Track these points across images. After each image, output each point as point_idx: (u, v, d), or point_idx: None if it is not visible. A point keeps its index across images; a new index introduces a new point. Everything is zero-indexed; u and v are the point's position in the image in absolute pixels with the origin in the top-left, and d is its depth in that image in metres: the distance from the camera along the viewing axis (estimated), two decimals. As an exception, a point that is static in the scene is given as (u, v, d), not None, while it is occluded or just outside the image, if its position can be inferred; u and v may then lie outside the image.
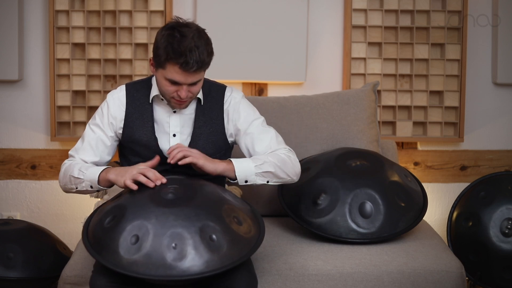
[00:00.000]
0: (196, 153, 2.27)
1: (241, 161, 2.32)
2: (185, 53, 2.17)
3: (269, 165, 2.33)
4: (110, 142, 2.41)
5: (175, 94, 2.28)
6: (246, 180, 2.32)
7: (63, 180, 2.40)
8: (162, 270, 1.99)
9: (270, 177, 2.34)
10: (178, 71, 2.21)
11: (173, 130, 2.40)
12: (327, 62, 3.42)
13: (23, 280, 2.85)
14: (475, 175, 3.48)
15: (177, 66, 2.20)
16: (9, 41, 3.28)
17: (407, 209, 2.61)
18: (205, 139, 2.40)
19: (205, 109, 2.41)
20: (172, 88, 2.26)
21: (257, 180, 2.32)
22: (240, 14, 3.29)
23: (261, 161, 2.32)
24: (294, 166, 2.39)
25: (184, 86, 2.25)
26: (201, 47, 2.20)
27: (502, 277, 2.99)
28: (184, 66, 2.19)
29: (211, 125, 2.41)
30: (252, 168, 2.30)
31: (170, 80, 2.24)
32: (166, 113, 2.40)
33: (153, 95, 2.39)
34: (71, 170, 2.34)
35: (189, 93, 2.27)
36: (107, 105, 2.41)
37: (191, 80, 2.24)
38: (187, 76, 2.22)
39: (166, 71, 2.23)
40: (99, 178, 2.28)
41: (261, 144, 2.41)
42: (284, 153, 2.39)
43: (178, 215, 2.06)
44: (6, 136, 3.41)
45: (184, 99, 2.28)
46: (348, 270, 2.39)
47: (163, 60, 2.22)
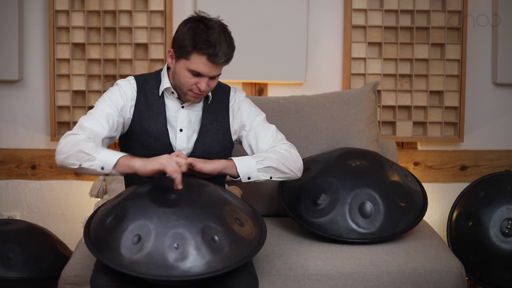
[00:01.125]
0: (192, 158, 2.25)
1: (241, 158, 2.32)
2: (214, 44, 2.20)
3: (270, 161, 2.33)
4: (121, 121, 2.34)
5: (194, 86, 2.28)
6: (249, 177, 2.31)
7: (65, 153, 2.19)
8: (164, 270, 1.99)
9: (272, 172, 2.33)
10: (205, 62, 2.22)
11: (180, 125, 2.40)
12: (327, 62, 3.42)
13: (23, 280, 2.85)
14: (475, 175, 3.48)
15: (204, 57, 2.22)
16: (9, 41, 3.28)
17: (407, 209, 2.62)
18: (211, 137, 2.41)
19: (211, 107, 2.42)
20: (193, 80, 2.27)
21: (260, 176, 2.32)
22: (240, 14, 3.29)
23: (262, 157, 2.33)
24: (295, 161, 2.39)
25: (205, 79, 2.26)
26: (228, 42, 2.25)
27: (502, 277, 2.99)
28: (212, 58, 2.21)
29: (217, 123, 2.42)
30: (253, 164, 2.30)
31: (193, 71, 2.25)
32: (174, 108, 2.40)
33: (164, 87, 2.38)
34: (83, 145, 2.18)
35: (207, 86, 2.29)
36: (119, 88, 2.36)
37: (215, 73, 2.26)
38: (211, 68, 2.24)
39: (191, 62, 2.24)
40: (119, 161, 2.16)
41: (263, 139, 2.41)
42: (284, 149, 2.39)
43: (180, 215, 2.06)
44: (6, 136, 3.41)
45: (202, 92, 2.29)
46: (348, 270, 2.39)
47: (189, 50, 2.23)
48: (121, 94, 2.36)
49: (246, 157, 2.34)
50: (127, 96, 2.37)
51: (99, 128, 2.28)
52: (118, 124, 2.34)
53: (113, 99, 2.35)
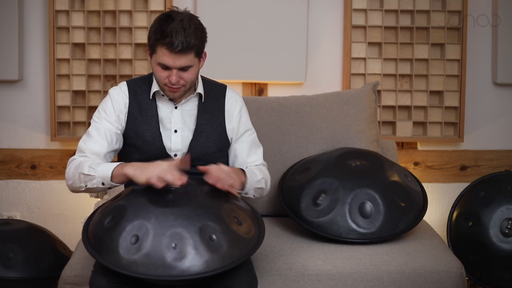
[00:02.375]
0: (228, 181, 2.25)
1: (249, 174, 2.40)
2: (171, 33, 2.21)
3: (264, 182, 2.44)
4: (118, 132, 2.38)
5: (167, 80, 2.30)
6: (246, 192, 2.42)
7: (71, 178, 2.28)
8: (162, 270, 1.99)
9: (257, 192, 2.45)
10: (166, 52, 2.23)
11: (174, 126, 2.40)
12: (327, 62, 3.42)
13: (23, 280, 2.85)
14: (475, 175, 3.48)
15: (164, 47, 2.23)
16: (9, 41, 3.28)
17: (407, 209, 2.61)
18: (207, 137, 2.41)
19: (206, 106, 2.42)
20: (164, 73, 2.29)
21: (250, 193, 2.42)
22: (240, 14, 3.29)
23: (260, 177, 2.43)
24: (269, 182, 2.53)
25: (174, 71, 2.27)
26: (189, 30, 2.23)
27: (502, 277, 2.99)
28: (169, 46, 2.22)
29: (213, 123, 2.42)
30: (254, 183, 2.40)
31: (161, 64, 2.27)
32: (167, 109, 2.41)
33: (154, 90, 2.39)
34: (81, 167, 2.25)
35: (180, 79, 2.29)
36: (112, 98, 2.40)
37: (180, 64, 2.25)
38: (174, 58, 2.24)
39: (157, 55, 2.26)
40: (113, 173, 2.21)
41: (253, 156, 2.50)
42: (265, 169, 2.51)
43: (178, 215, 2.06)
44: (6, 136, 3.41)
45: (175, 85, 2.29)
46: (348, 270, 2.39)
47: (152, 42, 2.26)
48: (114, 105, 2.39)
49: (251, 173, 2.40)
50: (120, 105, 2.39)
51: (98, 146, 2.33)
52: (116, 135, 2.38)
53: (107, 111, 2.38)
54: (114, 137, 2.37)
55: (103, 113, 2.38)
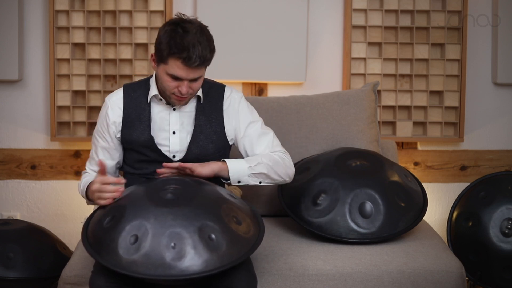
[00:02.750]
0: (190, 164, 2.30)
1: (235, 161, 2.36)
2: (188, 47, 2.19)
3: (262, 167, 2.37)
4: (114, 147, 2.46)
5: (176, 90, 2.29)
6: (239, 181, 2.36)
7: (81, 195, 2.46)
8: (161, 269, 1.99)
9: (262, 178, 2.39)
10: (180, 66, 2.23)
11: (173, 127, 2.40)
12: (327, 62, 3.42)
13: (23, 280, 2.85)
14: (475, 175, 3.48)
15: (179, 61, 2.22)
16: (9, 41, 3.28)
17: (407, 209, 2.61)
18: (205, 138, 2.40)
19: (205, 107, 2.42)
20: (173, 83, 2.28)
21: (249, 180, 2.37)
22: (240, 14, 3.29)
23: (255, 162, 2.36)
24: (287, 167, 2.43)
25: (185, 82, 2.26)
26: (204, 43, 2.22)
27: (502, 277, 2.99)
28: (186, 61, 2.21)
29: (211, 124, 2.42)
30: (245, 169, 2.35)
31: (172, 75, 2.26)
32: (165, 111, 2.41)
33: (152, 95, 2.39)
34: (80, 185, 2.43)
35: (189, 89, 2.29)
36: (106, 112, 2.44)
37: (193, 76, 2.26)
38: (188, 72, 2.24)
39: (168, 66, 2.25)
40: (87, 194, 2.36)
41: (259, 147, 2.45)
42: (278, 155, 2.42)
43: (177, 214, 2.06)
44: (6, 136, 3.41)
45: (184, 95, 2.30)
46: (348, 270, 2.39)
47: (165, 54, 2.24)
48: (107, 119, 2.44)
49: (240, 160, 2.37)
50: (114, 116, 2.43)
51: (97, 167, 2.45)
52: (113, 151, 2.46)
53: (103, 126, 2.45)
54: (108, 154, 2.46)
55: (100, 128, 2.46)
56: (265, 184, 2.41)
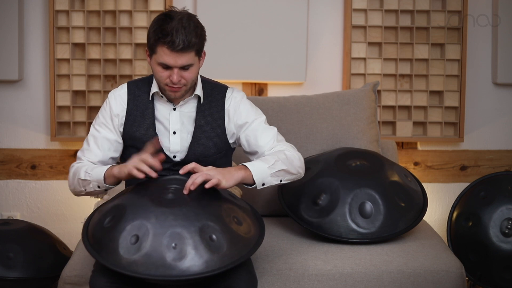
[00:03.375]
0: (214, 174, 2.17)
1: (255, 164, 2.27)
2: (171, 32, 2.20)
3: (281, 163, 2.29)
4: (115, 138, 2.42)
5: (168, 80, 2.29)
6: (263, 183, 2.27)
7: (72, 184, 2.38)
8: (162, 270, 1.99)
9: (282, 175, 2.30)
10: (167, 52, 2.23)
11: (173, 127, 2.40)
12: (327, 62, 3.42)
13: (23, 280, 2.85)
14: (475, 175, 3.48)
15: (165, 47, 2.23)
16: (9, 41, 3.28)
17: (407, 209, 2.61)
18: (206, 139, 2.40)
19: (205, 108, 2.41)
20: (165, 73, 2.28)
21: (272, 181, 2.28)
22: (240, 14, 3.29)
23: (272, 161, 2.28)
24: (300, 160, 2.37)
25: (175, 70, 2.26)
26: (189, 28, 2.23)
27: (502, 277, 2.99)
28: (170, 45, 2.21)
29: (212, 125, 2.41)
30: (266, 169, 2.26)
31: (162, 64, 2.26)
32: (166, 110, 2.41)
33: (153, 91, 2.40)
34: (78, 173, 2.34)
35: (181, 78, 2.28)
36: (109, 103, 2.43)
37: (181, 62, 2.25)
38: (175, 57, 2.24)
39: (157, 55, 2.26)
40: (105, 176, 2.28)
41: (264, 139, 2.39)
42: (287, 150, 2.36)
43: (178, 215, 2.06)
44: (6, 136, 3.41)
45: (176, 85, 2.29)
46: (348, 270, 2.39)
47: (152, 43, 2.25)
48: (110, 112, 2.41)
49: (257, 162, 2.29)
50: (117, 109, 2.41)
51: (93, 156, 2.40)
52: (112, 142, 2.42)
53: (104, 116, 2.42)
54: (110, 145, 2.41)
55: (101, 118, 2.42)
56: (285, 182, 2.33)
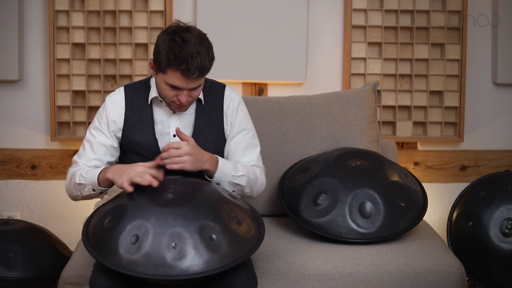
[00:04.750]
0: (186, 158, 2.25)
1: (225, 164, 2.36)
2: (186, 59, 2.17)
3: (244, 180, 2.38)
4: (111, 143, 2.42)
5: (175, 98, 2.28)
6: (218, 183, 2.36)
7: (69, 189, 2.41)
8: (162, 269, 1.99)
9: (237, 188, 2.40)
10: (179, 77, 2.21)
11: (173, 130, 2.40)
12: (327, 62, 3.42)
13: (23, 280, 2.85)
14: (475, 175, 3.48)
15: (178, 73, 2.20)
16: (9, 41, 3.28)
17: (407, 209, 2.61)
18: (206, 139, 2.40)
19: (205, 108, 2.42)
20: (173, 92, 2.27)
21: (226, 186, 2.37)
22: (240, 14, 3.29)
23: (241, 173, 2.38)
24: (261, 186, 2.48)
25: (185, 91, 2.26)
26: (203, 53, 2.20)
27: (502, 277, 2.99)
28: (185, 73, 2.19)
29: (211, 124, 2.42)
30: (229, 176, 2.36)
31: (171, 85, 2.25)
32: (166, 113, 2.41)
33: (152, 96, 2.39)
34: (74, 177, 2.36)
35: (189, 97, 2.28)
36: (106, 108, 2.42)
37: (192, 86, 2.25)
38: (188, 82, 2.23)
39: (167, 76, 2.23)
40: (99, 179, 2.29)
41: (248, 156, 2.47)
42: (259, 172, 2.46)
43: (178, 214, 2.06)
44: (6, 136, 3.41)
45: (184, 104, 2.29)
46: (348, 270, 2.39)
47: (164, 65, 2.22)
48: (107, 117, 2.41)
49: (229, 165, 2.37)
50: (114, 114, 2.41)
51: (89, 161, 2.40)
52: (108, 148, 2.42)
53: (101, 122, 2.42)
54: (105, 150, 2.41)
55: (97, 122, 2.42)
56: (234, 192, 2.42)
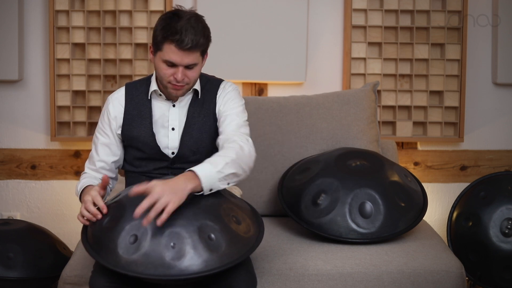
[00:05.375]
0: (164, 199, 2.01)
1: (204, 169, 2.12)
2: (180, 30, 2.23)
3: (230, 166, 2.17)
4: (113, 142, 2.46)
5: (171, 78, 2.30)
6: (211, 189, 2.15)
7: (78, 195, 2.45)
8: (161, 269, 1.99)
9: (230, 178, 2.18)
10: (174, 49, 2.24)
11: (172, 124, 2.42)
12: (327, 62, 3.42)
13: (23, 280, 2.85)
14: (475, 175, 3.48)
15: (173, 45, 2.24)
16: (9, 41, 3.28)
17: (407, 209, 2.61)
18: (198, 129, 2.41)
19: (199, 101, 2.44)
20: (169, 71, 2.29)
21: (220, 185, 2.15)
22: (240, 14, 3.29)
23: (222, 164, 2.15)
24: (250, 157, 2.25)
25: (180, 68, 2.28)
26: (197, 28, 2.26)
27: (502, 277, 2.99)
28: (179, 44, 2.23)
29: (204, 115, 2.42)
30: (214, 174, 2.12)
31: (167, 61, 2.28)
32: (165, 108, 2.42)
33: (152, 90, 2.41)
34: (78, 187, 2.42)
35: (185, 77, 2.30)
36: (107, 108, 2.46)
37: (187, 61, 2.27)
38: (182, 56, 2.25)
39: (163, 52, 2.27)
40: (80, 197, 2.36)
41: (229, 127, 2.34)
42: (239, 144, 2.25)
43: (176, 214, 2.06)
44: (6, 136, 3.41)
45: (180, 83, 2.31)
46: (348, 270, 2.39)
47: (159, 40, 2.26)
48: (108, 115, 2.45)
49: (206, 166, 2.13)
50: (115, 113, 2.44)
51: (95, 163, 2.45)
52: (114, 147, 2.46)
53: (103, 122, 2.46)
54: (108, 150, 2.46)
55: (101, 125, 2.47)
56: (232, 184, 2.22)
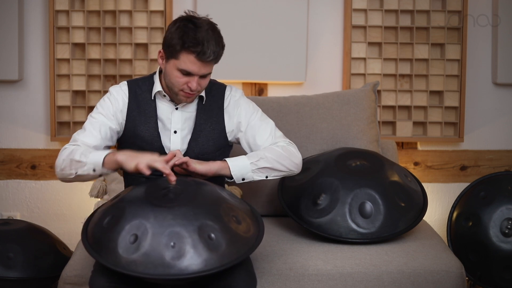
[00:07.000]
0: (187, 158, 2.26)
1: (236, 159, 2.33)
2: (202, 42, 2.21)
3: (265, 161, 2.34)
4: (114, 127, 2.39)
5: (185, 86, 2.29)
6: (243, 178, 2.34)
7: (61, 165, 2.28)
8: (161, 269, 1.99)
9: (267, 172, 2.36)
10: (194, 60, 2.23)
11: (174, 126, 2.41)
12: (327, 62, 3.42)
13: (23, 280, 2.85)
14: (475, 175, 3.48)
15: (193, 56, 2.22)
16: (9, 41, 3.28)
17: (407, 209, 2.61)
18: (205, 137, 2.41)
19: (206, 107, 2.43)
20: (183, 79, 2.28)
21: (254, 176, 2.34)
22: (240, 14, 3.29)
23: (257, 158, 2.34)
24: (292, 157, 2.40)
25: (196, 78, 2.27)
26: (216, 39, 2.25)
27: (502, 277, 2.99)
28: (201, 56, 2.22)
29: (211, 122, 2.42)
30: (247, 165, 2.32)
31: (183, 70, 2.26)
32: (168, 110, 2.41)
33: (156, 91, 2.39)
34: (73, 154, 2.26)
35: (198, 86, 2.29)
36: (113, 94, 2.41)
37: (204, 71, 2.27)
38: (200, 67, 2.25)
39: (180, 61, 2.25)
40: (105, 159, 2.22)
41: (261, 137, 2.42)
42: (280, 147, 2.39)
43: (177, 214, 2.07)
44: (6, 136, 3.41)
45: (193, 92, 2.30)
46: (348, 270, 2.39)
47: (178, 49, 2.24)
48: (112, 102, 2.40)
49: (241, 157, 2.35)
50: (119, 103, 2.40)
51: (91, 139, 2.34)
52: (111, 130, 2.38)
53: (105, 107, 2.40)
54: (108, 132, 2.38)
55: (100, 108, 2.40)
56: (272, 178, 2.38)
